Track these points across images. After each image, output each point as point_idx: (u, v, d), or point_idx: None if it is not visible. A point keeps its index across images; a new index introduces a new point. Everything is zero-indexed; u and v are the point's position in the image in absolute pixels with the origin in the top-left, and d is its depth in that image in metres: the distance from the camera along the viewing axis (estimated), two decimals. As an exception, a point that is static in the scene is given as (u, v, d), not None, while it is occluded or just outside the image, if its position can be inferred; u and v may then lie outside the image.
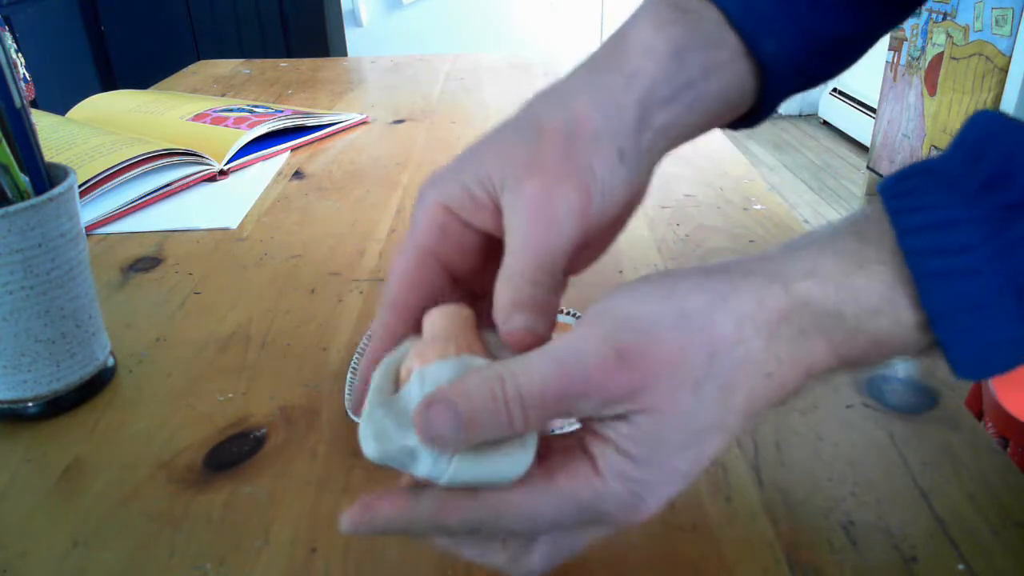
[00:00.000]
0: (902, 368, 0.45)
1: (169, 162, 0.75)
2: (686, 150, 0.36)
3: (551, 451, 0.27)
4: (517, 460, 0.26)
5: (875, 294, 0.25)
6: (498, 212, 0.31)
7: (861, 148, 3.40)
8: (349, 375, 0.44)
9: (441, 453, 0.25)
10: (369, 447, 0.25)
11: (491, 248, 0.32)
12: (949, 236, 0.24)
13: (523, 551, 0.28)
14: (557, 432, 0.32)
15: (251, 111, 0.93)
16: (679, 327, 0.26)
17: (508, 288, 0.29)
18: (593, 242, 0.33)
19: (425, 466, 0.26)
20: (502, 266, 0.30)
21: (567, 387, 0.25)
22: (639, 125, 0.32)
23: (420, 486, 0.27)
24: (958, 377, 0.25)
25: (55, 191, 0.40)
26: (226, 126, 0.87)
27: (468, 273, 0.32)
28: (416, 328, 0.30)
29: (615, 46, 0.34)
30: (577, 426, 0.29)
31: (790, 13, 0.34)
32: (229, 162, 0.81)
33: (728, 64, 0.33)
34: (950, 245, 0.24)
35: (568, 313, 0.48)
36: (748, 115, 0.37)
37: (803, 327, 0.26)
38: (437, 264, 0.31)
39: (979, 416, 1.01)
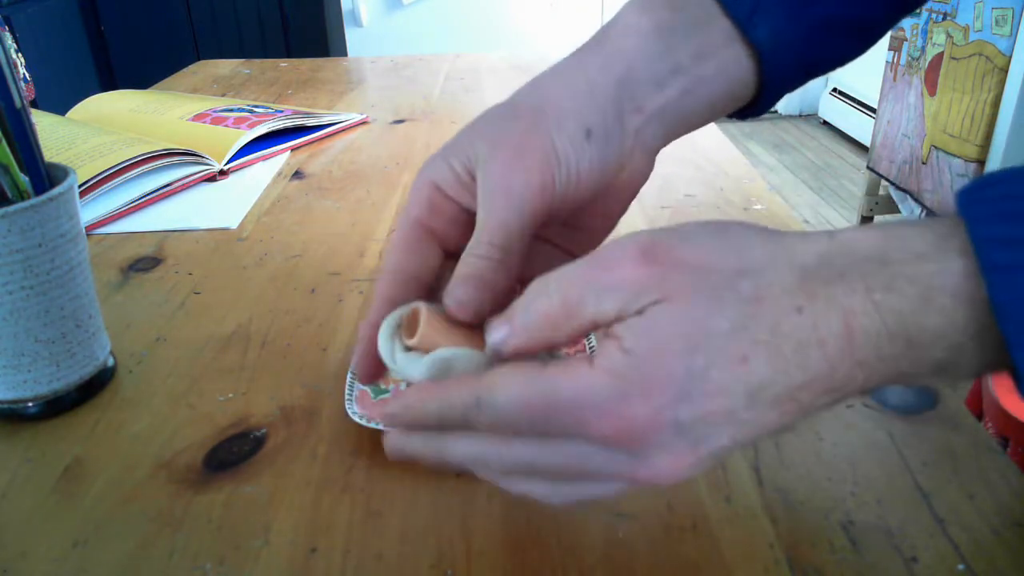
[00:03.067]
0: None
1: (169, 162, 0.75)
2: (686, 150, 0.36)
3: None
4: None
5: (924, 241, 0.24)
6: (475, 189, 0.32)
7: (861, 148, 3.40)
8: (349, 375, 0.44)
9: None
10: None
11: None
12: (1017, 228, 0.22)
13: (506, 442, 0.27)
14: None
15: (251, 111, 0.93)
16: (713, 237, 0.26)
17: (461, 262, 0.31)
18: (584, 223, 0.35)
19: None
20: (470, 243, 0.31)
21: (596, 274, 0.25)
22: (618, 105, 0.33)
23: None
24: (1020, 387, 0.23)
25: (55, 191, 0.40)
26: (226, 126, 0.87)
27: (459, 249, 0.33)
28: (412, 293, 0.33)
29: (602, 30, 0.35)
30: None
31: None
32: (229, 162, 0.81)
33: (722, 48, 0.34)
34: (1018, 237, 0.22)
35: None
36: (752, 104, 0.37)
37: (843, 270, 0.24)
38: (430, 236, 0.33)
39: (979, 416, 1.01)
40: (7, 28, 2.14)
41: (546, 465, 0.27)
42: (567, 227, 0.35)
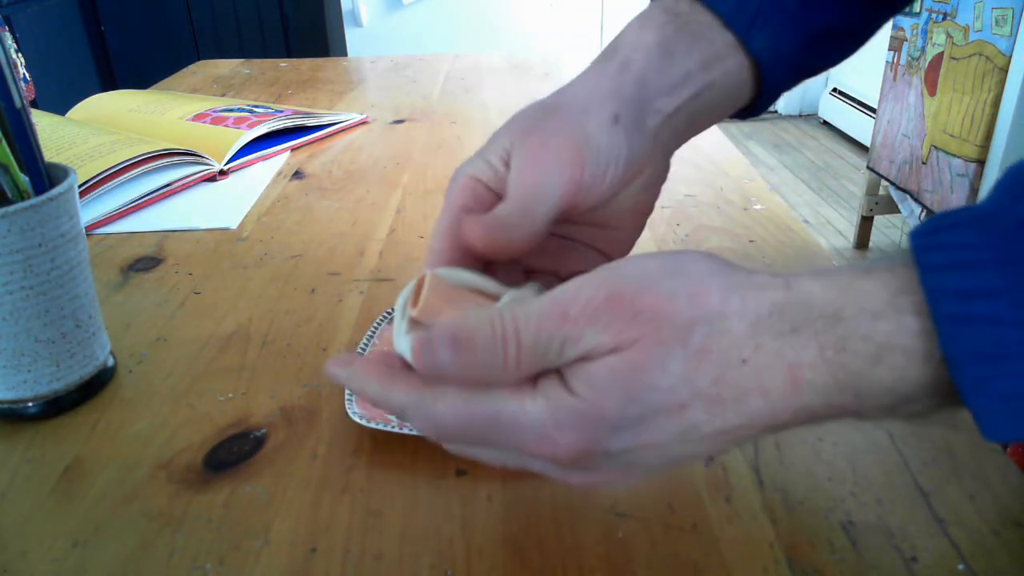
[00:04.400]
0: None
1: (169, 162, 0.75)
2: (686, 150, 0.37)
3: None
4: None
5: (879, 299, 0.24)
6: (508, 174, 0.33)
7: (861, 148, 3.40)
8: (349, 375, 0.44)
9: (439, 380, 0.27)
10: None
11: None
12: (972, 278, 0.22)
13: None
14: None
15: (251, 111, 0.93)
16: (672, 279, 0.26)
17: (495, 214, 0.32)
18: (615, 222, 0.36)
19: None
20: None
21: (559, 323, 0.26)
22: (639, 103, 0.34)
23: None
24: (986, 437, 0.23)
25: (55, 191, 0.40)
26: (226, 126, 0.87)
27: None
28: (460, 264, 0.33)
29: (610, 48, 0.36)
30: None
31: (781, 9, 0.35)
32: (229, 162, 0.81)
33: (726, 57, 0.36)
34: (972, 288, 0.22)
35: None
36: (750, 106, 0.39)
37: (796, 325, 0.25)
38: None
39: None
40: (7, 28, 2.14)
41: (485, 455, 0.29)
42: (598, 227, 0.37)
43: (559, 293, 0.26)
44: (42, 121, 0.83)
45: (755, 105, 0.39)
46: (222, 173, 0.80)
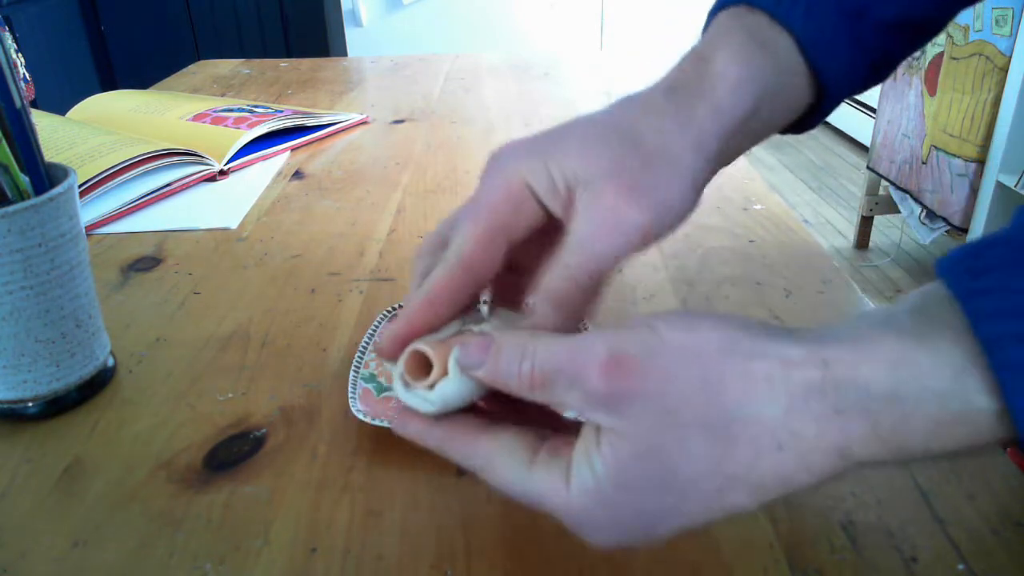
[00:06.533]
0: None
1: (169, 162, 0.75)
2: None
3: (556, 432, 0.29)
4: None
5: (942, 377, 0.22)
6: (570, 203, 0.31)
7: (861, 148, 3.40)
8: (352, 373, 0.44)
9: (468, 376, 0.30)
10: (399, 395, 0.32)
11: (547, 227, 0.33)
12: None
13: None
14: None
15: (251, 111, 0.93)
16: (680, 356, 0.25)
17: (553, 279, 0.31)
18: None
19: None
20: (557, 256, 0.31)
21: (562, 370, 0.26)
22: (715, 155, 0.34)
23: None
24: None
25: (55, 191, 0.40)
26: (226, 126, 0.87)
27: (519, 244, 0.33)
28: (471, 294, 0.32)
29: (700, 74, 0.34)
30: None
31: (854, 37, 0.35)
32: (229, 162, 0.81)
33: (795, 89, 0.35)
34: None
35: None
36: (794, 125, 0.38)
37: (840, 407, 0.23)
38: (506, 239, 0.32)
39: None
40: (7, 28, 2.14)
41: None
42: None
43: (575, 343, 0.27)
44: (42, 121, 0.83)
45: (799, 126, 0.38)
46: (222, 173, 0.80)
